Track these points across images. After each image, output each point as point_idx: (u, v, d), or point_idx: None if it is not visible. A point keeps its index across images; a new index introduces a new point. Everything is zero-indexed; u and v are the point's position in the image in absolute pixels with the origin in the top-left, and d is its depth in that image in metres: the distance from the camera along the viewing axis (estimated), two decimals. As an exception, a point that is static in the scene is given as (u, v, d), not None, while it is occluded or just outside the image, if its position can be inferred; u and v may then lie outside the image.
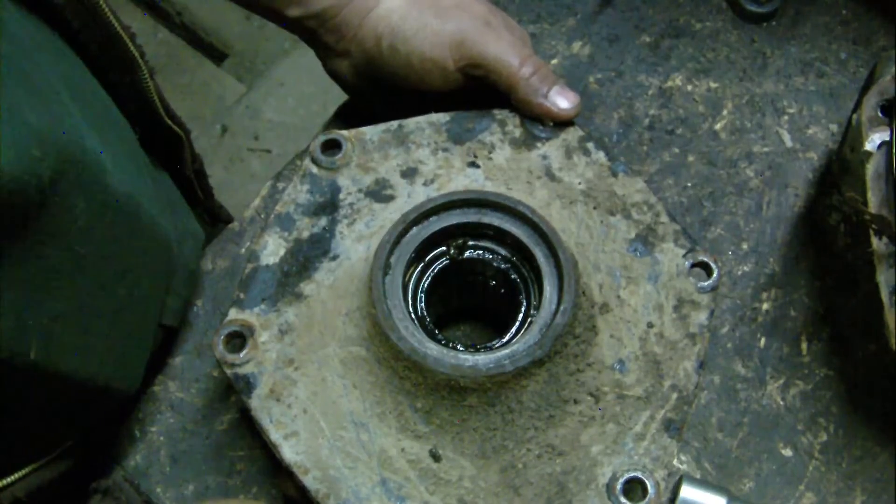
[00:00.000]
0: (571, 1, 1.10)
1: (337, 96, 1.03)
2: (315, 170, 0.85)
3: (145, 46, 0.84)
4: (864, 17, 1.09)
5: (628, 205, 0.83)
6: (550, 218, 0.81)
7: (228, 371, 0.75)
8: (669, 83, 1.05)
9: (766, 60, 1.07)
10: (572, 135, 0.87)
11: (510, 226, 0.79)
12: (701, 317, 0.78)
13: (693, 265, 0.80)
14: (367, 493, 0.71)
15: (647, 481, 0.72)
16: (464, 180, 0.84)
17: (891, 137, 0.81)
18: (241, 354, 0.76)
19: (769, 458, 0.86)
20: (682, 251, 0.81)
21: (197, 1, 2.75)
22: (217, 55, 2.78)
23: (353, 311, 0.77)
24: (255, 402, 0.74)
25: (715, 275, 0.80)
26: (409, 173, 0.85)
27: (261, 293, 0.79)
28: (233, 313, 0.78)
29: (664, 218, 0.82)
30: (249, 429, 0.85)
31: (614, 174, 0.84)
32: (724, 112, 1.03)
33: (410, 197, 0.83)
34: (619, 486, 0.72)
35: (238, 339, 0.77)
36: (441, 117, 0.87)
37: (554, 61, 1.06)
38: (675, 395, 0.75)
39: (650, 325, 0.78)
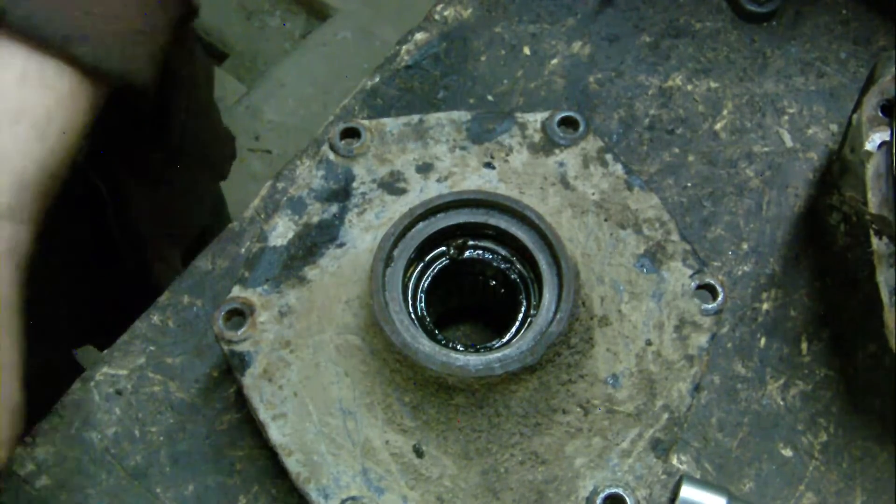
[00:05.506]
0: (571, 1, 1.10)
1: (337, 97, 1.03)
2: (332, 156, 0.85)
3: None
4: (864, 17, 1.09)
5: (640, 220, 0.83)
6: (559, 226, 0.81)
7: (225, 347, 0.76)
8: (669, 83, 1.05)
9: (766, 60, 1.07)
10: (591, 144, 0.86)
11: (516, 229, 0.79)
12: (701, 339, 0.78)
13: (699, 287, 0.80)
14: (347, 482, 0.72)
15: (627, 499, 0.71)
16: (477, 180, 0.84)
17: (891, 137, 0.81)
18: (240, 332, 0.77)
19: (769, 458, 0.86)
20: (690, 271, 0.80)
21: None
22: (217, 55, 2.78)
23: (353, 300, 0.77)
24: (248, 381, 0.75)
25: (720, 298, 0.79)
26: (425, 168, 0.85)
27: (265, 273, 0.80)
28: (235, 290, 0.79)
29: (675, 236, 0.82)
30: (250, 429, 0.86)
31: (630, 188, 0.84)
32: (724, 112, 1.03)
33: (423, 192, 0.84)
34: (599, 500, 0.71)
35: (238, 317, 0.78)
36: (463, 115, 0.88)
37: (554, 61, 1.06)
38: (665, 416, 0.75)
39: (649, 343, 0.78)
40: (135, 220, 1.08)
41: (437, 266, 0.82)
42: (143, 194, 1.07)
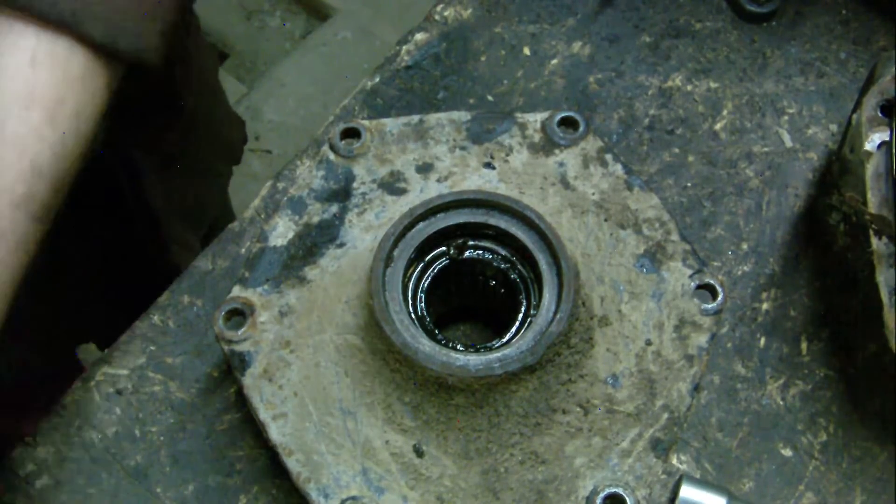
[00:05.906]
0: (571, 1, 1.10)
1: (337, 97, 1.04)
2: (332, 157, 0.86)
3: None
4: (864, 17, 1.09)
5: (640, 220, 0.83)
6: (560, 226, 0.81)
7: (225, 347, 0.77)
8: (669, 83, 1.05)
9: (766, 60, 1.07)
10: (591, 144, 0.86)
11: (516, 230, 0.79)
12: (701, 339, 0.78)
13: (699, 287, 0.80)
14: (347, 481, 0.72)
15: (627, 499, 0.71)
16: (477, 180, 0.84)
17: (891, 137, 0.81)
18: (240, 332, 0.77)
19: (769, 458, 0.86)
20: (690, 271, 0.80)
21: (197, 1, 2.75)
22: (217, 55, 2.77)
23: (353, 300, 0.77)
24: (248, 381, 0.76)
25: (720, 298, 0.79)
26: (425, 168, 0.85)
27: (265, 273, 0.80)
28: (236, 290, 0.79)
29: (675, 236, 0.82)
30: (250, 429, 0.86)
31: (630, 188, 0.84)
32: (724, 112, 1.03)
33: (423, 192, 0.84)
34: (598, 500, 0.72)
35: (238, 317, 0.78)
36: (462, 115, 0.88)
37: (554, 61, 1.06)
38: (665, 416, 0.75)
39: (648, 343, 0.78)
40: (150, 197, 1.07)
41: (437, 266, 0.82)
42: (158, 172, 1.07)
